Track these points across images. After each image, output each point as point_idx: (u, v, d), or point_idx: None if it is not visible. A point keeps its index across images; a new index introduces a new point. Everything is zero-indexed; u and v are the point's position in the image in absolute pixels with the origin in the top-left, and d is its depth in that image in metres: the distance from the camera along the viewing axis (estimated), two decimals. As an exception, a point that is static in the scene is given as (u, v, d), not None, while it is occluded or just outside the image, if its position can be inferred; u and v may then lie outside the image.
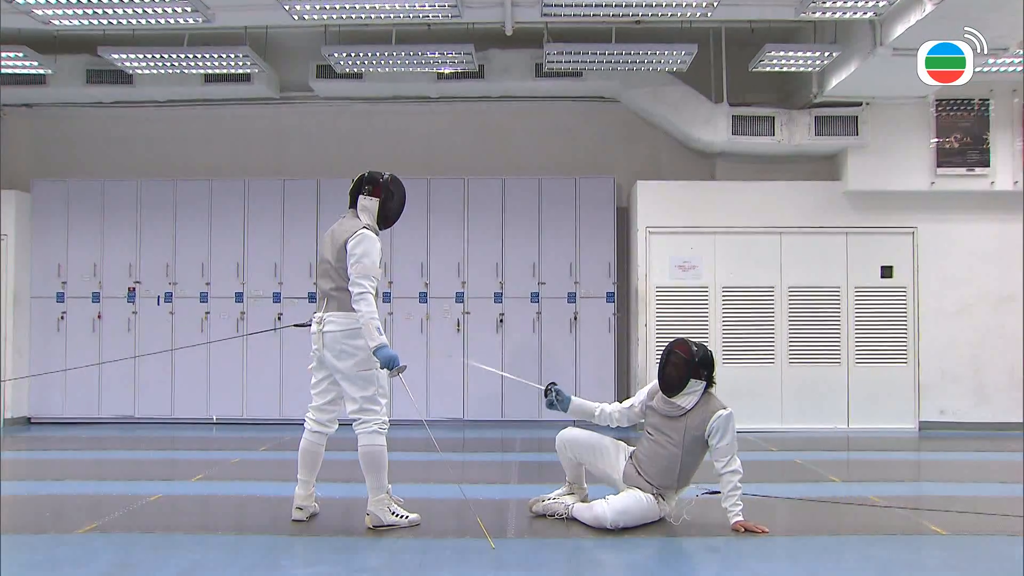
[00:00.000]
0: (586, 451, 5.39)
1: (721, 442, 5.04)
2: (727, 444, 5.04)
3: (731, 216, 9.66)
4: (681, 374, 5.08)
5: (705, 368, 5.11)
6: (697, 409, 5.09)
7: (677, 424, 5.12)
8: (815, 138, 9.41)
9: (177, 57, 8.51)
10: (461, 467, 7.48)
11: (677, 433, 5.12)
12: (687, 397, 5.11)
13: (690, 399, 5.10)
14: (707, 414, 5.06)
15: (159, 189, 10.21)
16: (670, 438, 5.13)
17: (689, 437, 5.09)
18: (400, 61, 8.77)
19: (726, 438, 5.04)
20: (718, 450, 5.05)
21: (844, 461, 8.14)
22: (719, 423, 5.04)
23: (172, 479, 6.75)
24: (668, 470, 5.15)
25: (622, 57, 8.63)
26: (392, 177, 5.27)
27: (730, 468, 5.03)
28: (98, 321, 10.13)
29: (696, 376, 5.08)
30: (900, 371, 9.57)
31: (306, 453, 5.30)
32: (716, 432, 5.03)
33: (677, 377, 5.10)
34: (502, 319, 9.98)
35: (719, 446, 5.04)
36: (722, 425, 5.04)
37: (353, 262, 5.03)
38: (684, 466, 5.15)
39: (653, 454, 5.19)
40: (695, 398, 5.10)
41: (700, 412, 5.09)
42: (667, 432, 5.15)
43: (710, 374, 5.13)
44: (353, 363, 5.05)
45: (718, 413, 5.05)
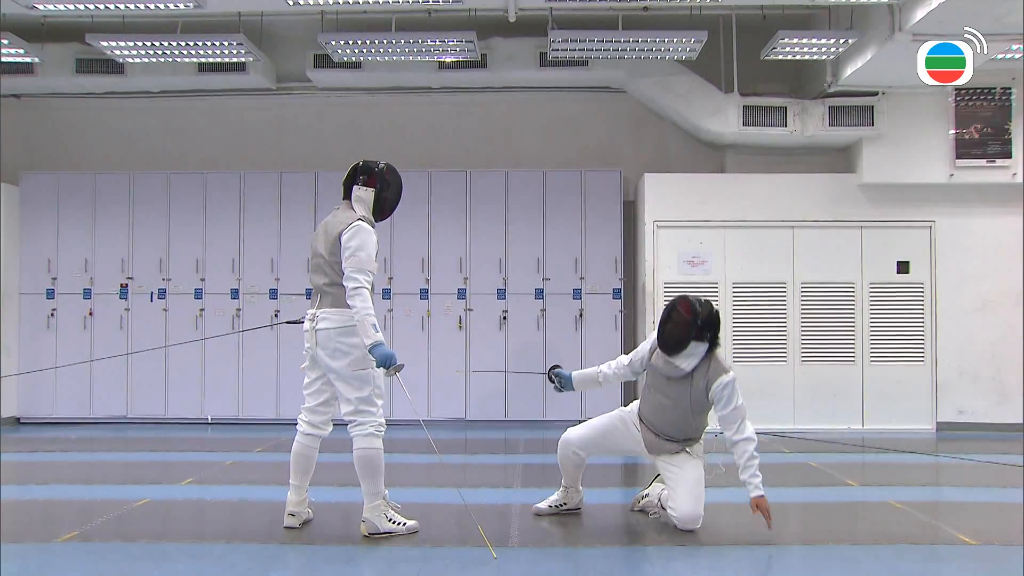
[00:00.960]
0: (597, 442, 5.21)
1: (727, 409, 4.85)
2: (733, 410, 4.84)
3: (742, 210, 9.48)
4: (682, 335, 4.86)
5: (708, 330, 4.87)
6: (699, 373, 4.90)
7: (680, 386, 4.94)
8: (829, 129, 9.22)
9: (169, 45, 8.33)
10: (462, 470, 7.32)
11: (681, 396, 4.95)
12: (688, 359, 4.90)
13: (691, 361, 4.90)
14: (709, 380, 4.86)
15: (152, 182, 10.05)
16: (673, 400, 4.97)
17: (693, 399, 4.93)
18: (400, 49, 8.60)
19: (731, 404, 4.83)
20: (724, 418, 4.86)
21: (860, 464, 7.94)
22: (719, 391, 4.84)
23: (161, 483, 6.57)
24: (682, 425, 5.01)
25: (629, 45, 8.44)
26: (387, 166, 5.11)
27: (742, 436, 4.81)
28: (89, 318, 9.97)
29: (698, 338, 4.85)
30: (917, 370, 9.38)
31: (299, 457, 5.14)
32: (720, 400, 4.84)
33: (677, 337, 4.89)
34: (505, 316, 9.84)
35: (725, 413, 4.85)
36: (726, 393, 4.84)
37: (348, 255, 4.86)
38: (696, 418, 5.00)
39: (661, 410, 5.02)
40: (696, 360, 4.90)
41: (702, 377, 4.89)
42: (670, 395, 4.99)
43: (714, 336, 4.89)
44: (348, 362, 4.88)
45: (720, 380, 4.84)
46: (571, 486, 5.34)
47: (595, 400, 9.63)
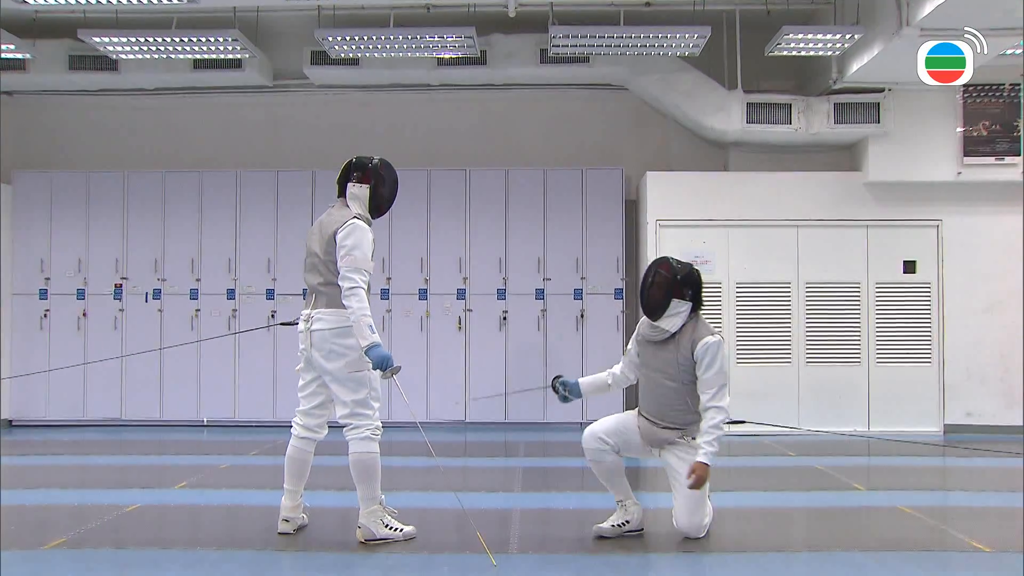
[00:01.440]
0: (619, 431, 4.98)
1: (707, 372, 4.76)
2: (714, 375, 4.76)
3: (745, 209, 9.38)
4: (663, 294, 4.82)
5: (689, 287, 4.85)
6: (684, 334, 4.83)
7: (667, 354, 4.85)
8: (834, 126, 9.13)
9: (163, 41, 8.22)
10: (462, 474, 7.23)
11: (669, 365, 4.85)
12: (671, 319, 4.84)
13: (675, 321, 4.84)
14: (694, 341, 4.79)
15: (147, 181, 9.96)
16: (664, 372, 4.87)
17: (682, 369, 4.82)
18: (398, 45, 8.50)
19: (713, 368, 4.76)
20: (704, 381, 4.78)
21: (866, 467, 7.85)
22: (703, 351, 4.76)
23: (153, 487, 6.46)
24: (677, 401, 4.86)
25: (631, 41, 8.34)
26: (382, 161, 5.02)
27: (715, 403, 4.74)
28: (83, 319, 9.88)
29: (679, 296, 4.82)
30: (924, 371, 9.28)
31: (293, 461, 5.05)
32: (702, 361, 4.76)
33: (658, 297, 4.84)
34: (505, 316, 9.76)
35: (705, 377, 4.77)
36: (708, 353, 4.76)
37: (343, 254, 4.77)
38: (689, 389, 4.86)
39: (654, 389, 4.92)
40: (680, 320, 4.84)
41: (687, 338, 4.82)
42: (660, 367, 4.89)
43: (696, 294, 4.87)
44: (343, 364, 4.79)
45: (704, 340, 4.77)
46: (625, 499, 5.04)
47: (596, 402, 9.52)
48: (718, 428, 4.72)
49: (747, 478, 7.12)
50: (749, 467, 7.62)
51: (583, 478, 7.34)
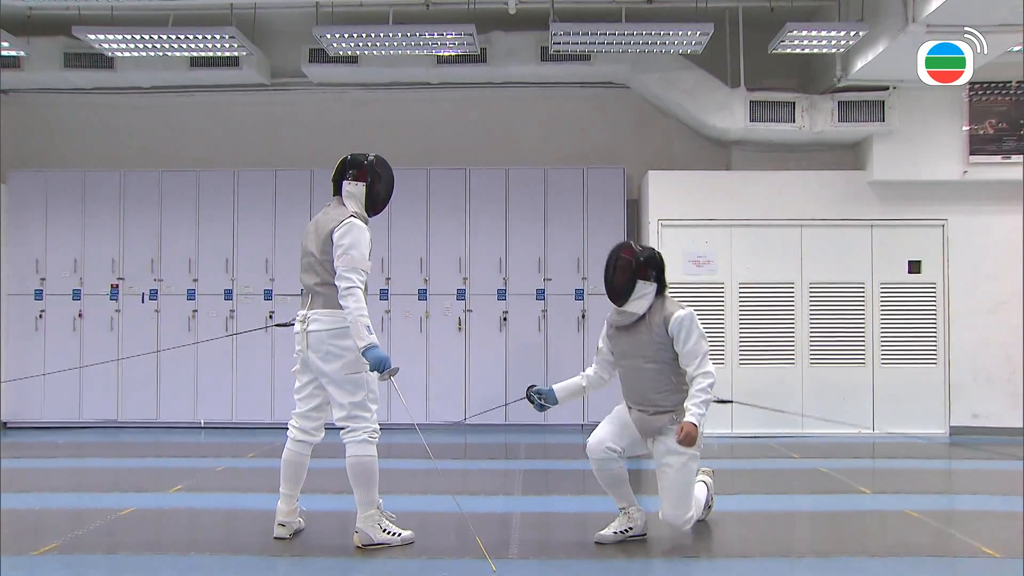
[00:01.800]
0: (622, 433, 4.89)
1: (686, 345, 4.73)
2: (693, 345, 4.73)
3: (748, 208, 9.31)
4: (626, 277, 4.81)
5: (651, 268, 4.84)
6: (654, 314, 4.80)
7: (640, 337, 4.81)
8: (838, 125, 9.06)
9: (159, 38, 8.15)
10: (462, 476, 7.17)
11: (645, 347, 4.80)
12: (638, 302, 4.82)
13: (641, 304, 4.82)
14: (665, 318, 4.76)
15: (143, 180, 9.89)
16: (642, 356, 4.82)
17: (659, 347, 4.78)
18: (397, 43, 8.43)
19: (691, 340, 4.73)
20: (685, 355, 4.75)
21: (872, 470, 7.78)
22: (677, 325, 4.73)
23: (148, 490, 6.39)
24: (662, 386, 4.80)
25: (633, 38, 8.27)
26: (377, 158, 4.96)
27: (701, 370, 4.72)
28: (79, 320, 9.81)
29: (644, 278, 4.81)
30: (929, 372, 9.20)
31: (289, 464, 4.99)
32: (678, 336, 4.73)
33: (624, 281, 4.82)
34: (505, 317, 9.70)
35: (685, 350, 4.74)
36: (683, 327, 4.72)
37: (340, 253, 4.72)
38: (670, 368, 4.80)
39: (635, 376, 4.87)
40: (647, 302, 4.82)
41: (658, 316, 4.79)
42: (636, 352, 4.84)
43: (659, 275, 4.86)
44: (340, 365, 4.73)
45: (676, 316, 4.74)
46: (628, 505, 4.97)
47: (597, 402, 9.49)
48: (705, 392, 4.69)
49: (750, 481, 7.06)
50: (752, 469, 7.55)
51: (584, 481, 7.27)
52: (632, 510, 4.96)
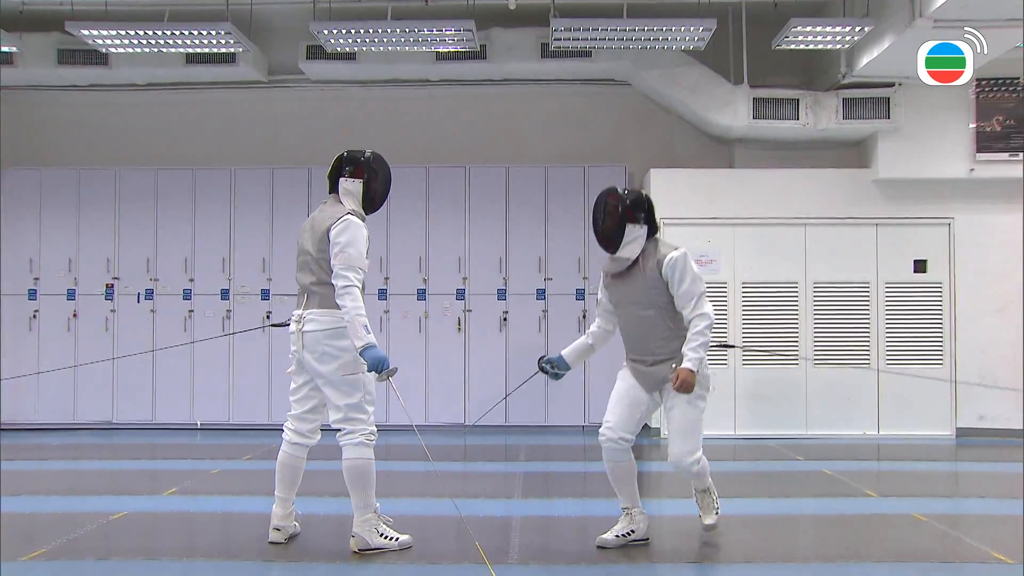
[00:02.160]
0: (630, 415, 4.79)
1: (681, 286, 4.64)
2: (688, 286, 4.63)
3: (751, 206, 9.25)
4: (616, 222, 4.73)
5: (639, 210, 4.75)
6: (647, 258, 4.73)
7: (634, 284, 4.75)
8: (842, 122, 9.00)
9: (153, 34, 8.06)
10: (461, 479, 7.10)
11: (640, 293, 4.73)
12: (630, 246, 4.74)
13: (633, 248, 4.74)
14: (659, 260, 4.68)
15: (139, 178, 9.84)
16: (638, 303, 4.74)
17: (653, 292, 4.69)
18: (395, 39, 8.35)
19: (685, 280, 4.64)
20: (680, 296, 4.66)
21: (877, 472, 7.72)
22: (671, 267, 4.65)
23: (142, 493, 6.32)
24: (660, 332, 4.71)
25: (635, 34, 8.17)
26: (374, 154, 4.90)
27: (697, 311, 4.62)
28: (73, 320, 9.75)
29: (633, 221, 4.72)
30: (935, 373, 9.09)
31: (284, 467, 4.91)
32: (672, 278, 4.65)
33: (613, 226, 4.74)
34: (506, 317, 9.64)
35: (681, 291, 4.65)
36: (677, 267, 4.64)
37: (337, 252, 4.65)
38: (672, 319, 4.71)
39: (633, 324, 4.80)
40: (638, 246, 4.74)
41: (651, 260, 4.72)
42: (632, 299, 4.77)
43: (649, 217, 4.78)
44: (337, 366, 4.66)
45: (669, 257, 4.66)
46: (632, 506, 4.88)
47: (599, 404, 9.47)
48: (702, 334, 4.59)
49: (753, 484, 6.99)
50: (755, 472, 7.49)
51: (585, 483, 7.24)
52: (635, 512, 4.88)
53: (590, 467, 7.93)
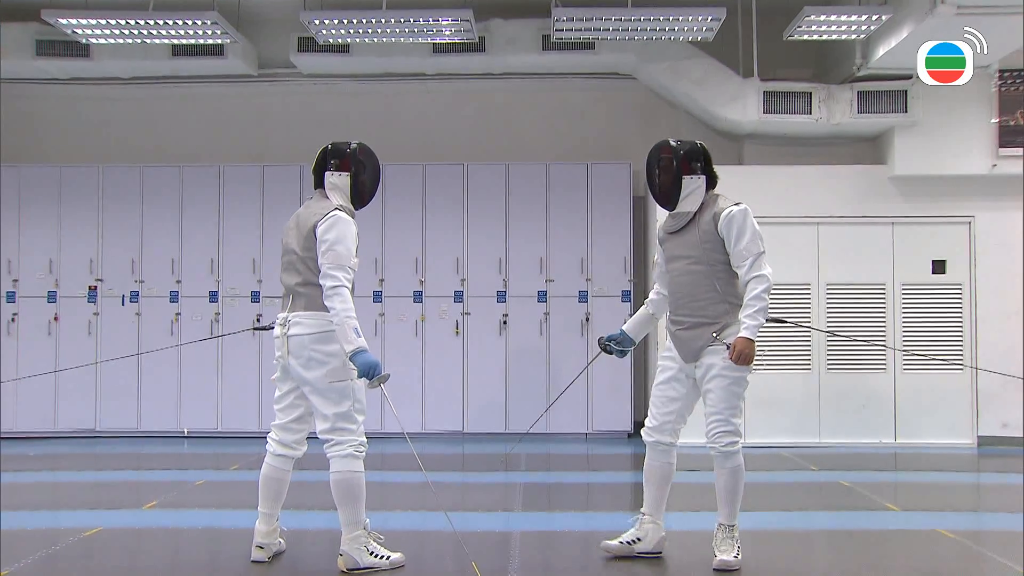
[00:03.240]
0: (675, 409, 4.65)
1: (739, 244, 4.48)
2: (747, 243, 4.49)
3: (761, 205, 8.55)
4: (672, 177, 4.62)
5: (695, 160, 4.65)
6: (704, 211, 4.59)
7: (688, 237, 4.59)
8: (857, 116, 8.76)
9: (135, 23, 7.83)
10: (459, 490, 6.87)
11: (693, 247, 4.56)
12: (689, 199, 4.62)
13: (694, 200, 4.62)
14: (716, 214, 4.53)
15: (123, 176, 9.61)
16: (689, 256, 4.57)
17: (706, 247, 4.52)
18: (390, 30, 8.14)
19: (744, 237, 4.49)
20: (737, 253, 4.50)
21: (897, 484, 7.47)
22: (728, 222, 4.50)
23: (120, 507, 6.08)
24: (706, 292, 4.53)
25: (640, 24, 7.98)
26: (361, 146, 4.73)
27: (754, 272, 4.46)
28: (54, 324, 9.53)
29: (688, 172, 4.62)
30: (955, 379, 8.88)
31: (269, 481, 4.71)
32: (730, 234, 4.50)
33: (669, 182, 4.63)
34: (505, 320, 9.46)
35: (738, 248, 4.49)
36: (735, 223, 4.50)
37: (324, 250, 4.47)
38: (721, 280, 4.54)
39: (681, 280, 4.62)
40: (698, 198, 4.62)
41: (708, 213, 4.57)
42: (684, 252, 4.61)
43: (706, 167, 4.68)
44: (324, 373, 4.45)
45: (728, 211, 4.52)
46: (651, 514, 4.68)
47: (602, 413, 9.37)
48: (760, 299, 4.42)
49: (766, 495, 6.72)
50: (767, 483, 7.22)
51: (589, 495, 7.02)
52: (647, 521, 4.69)
53: (594, 478, 7.74)
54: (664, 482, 4.69)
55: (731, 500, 4.59)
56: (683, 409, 4.66)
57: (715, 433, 4.51)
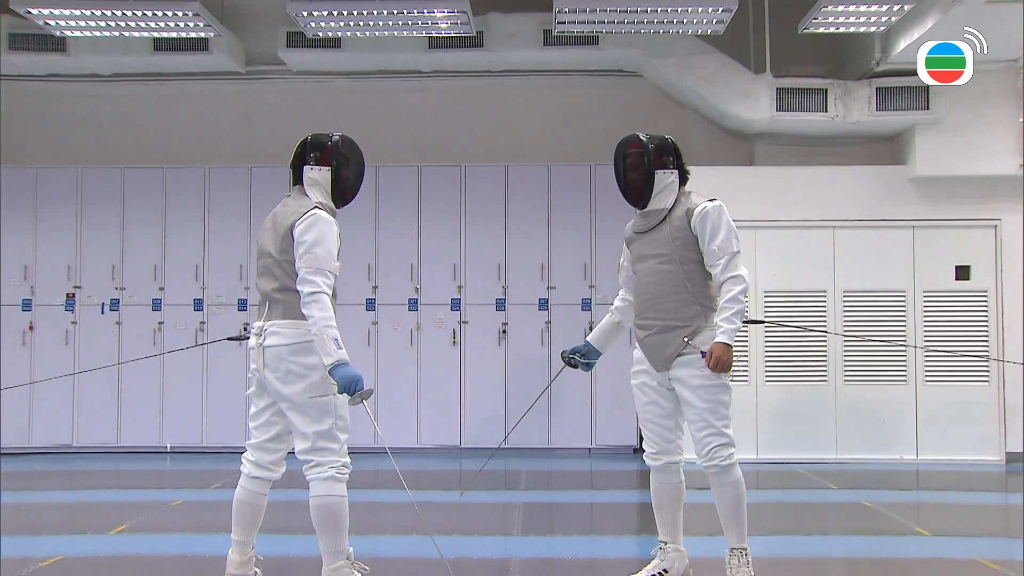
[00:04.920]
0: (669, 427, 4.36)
1: (713, 242, 4.19)
2: (721, 242, 4.19)
3: (774, 208, 8.76)
4: (643, 172, 4.33)
5: (667, 153, 4.36)
6: (676, 208, 4.32)
7: (658, 235, 4.32)
8: (876, 114, 8.49)
9: (111, 15, 7.52)
10: (454, 511, 6.51)
11: (663, 245, 4.28)
12: (661, 196, 4.34)
13: (666, 197, 4.34)
14: (689, 210, 4.24)
15: (103, 178, 9.36)
16: (659, 255, 4.29)
17: (677, 244, 4.24)
18: (382, 22, 7.87)
19: (719, 235, 4.19)
20: (711, 253, 4.21)
21: (924, 504, 7.10)
22: (701, 218, 4.21)
23: (86, 531, 5.72)
24: (676, 292, 4.26)
25: (646, 16, 7.69)
26: (343, 138, 4.38)
27: (729, 273, 4.18)
28: (29, 333, 9.23)
29: (661, 166, 4.34)
30: (980, 391, 8.54)
31: (243, 506, 4.36)
32: (704, 231, 4.21)
33: (640, 179, 4.35)
34: (505, 329, 9.23)
35: (712, 248, 4.20)
36: (709, 220, 4.20)
37: (302, 252, 4.11)
38: (693, 281, 4.25)
39: (648, 281, 4.34)
40: (670, 194, 4.34)
41: (680, 210, 4.30)
42: (653, 251, 4.32)
43: (677, 161, 4.38)
44: (303, 387, 4.10)
45: (701, 207, 4.24)
46: (669, 541, 4.40)
47: (607, 423, 9.11)
48: (737, 300, 4.14)
49: (783, 517, 6.39)
50: (784, 503, 6.91)
51: (592, 517, 6.68)
52: (670, 549, 4.39)
53: (597, 496, 7.40)
54: (677, 503, 4.42)
55: (738, 519, 4.27)
56: (677, 421, 4.40)
57: (709, 448, 4.20)
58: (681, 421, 4.37)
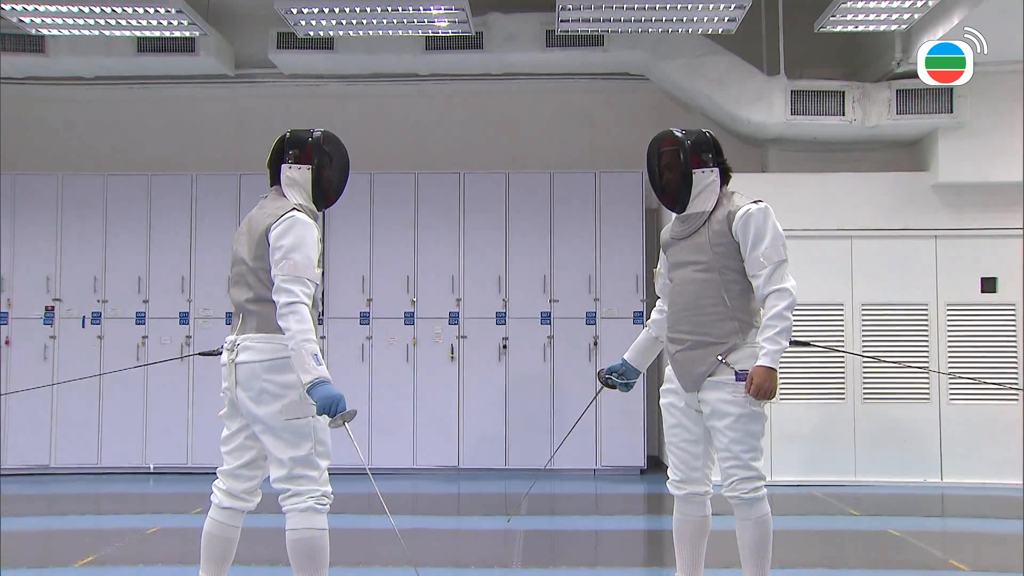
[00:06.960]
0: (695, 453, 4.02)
1: (756, 249, 3.84)
2: (765, 249, 3.84)
3: (788, 216, 8.07)
4: (680, 174, 3.99)
5: (704, 150, 4.01)
6: (716, 210, 3.97)
7: (697, 240, 3.99)
8: (896, 118, 8.23)
9: (90, 11, 7.26)
10: (451, 538, 6.14)
11: (701, 252, 3.94)
12: (702, 197, 3.99)
13: (708, 198, 3.99)
14: (730, 212, 3.91)
15: (85, 185, 9.11)
16: (696, 263, 3.95)
17: (716, 251, 3.89)
18: (376, 21, 7.68)
19: (763, 242, 3.84)
20: (753, 261, 3.85)
21: (955, 533, 6.71)
22: (743, 221, 3.87)
23: (48, 565, 5.33)
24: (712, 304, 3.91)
25: (653, 14, 7.49)
26: (325, 134, 4.09)
27: (774, 286, 3.82)
28: (5, 348, 8.92)
29: (699, 165, 3.99)
30: (1008, 410, 8.19)
31: (212, 539, 4.02)
32: (746, 236, 3.85)
33: (678, 180, 4.01)
34: (506, 344, 8.97)
35: (754, 255, 3.84)
36: (753, 223, 3.85)
37: (278, 258, 3.80)
38: (731, 293, 3.90)
39: (683, 290, 4.01)
40: (712, 194, 3.99)
41: (721, 212, 3.94)
42: (690, 258, 4.01)
43: (717, 157, 4.04)
44: (279, 408, 3.77)
45: (744, 209, 3.88)
46: (691, 574, 4.10)
47: (612, 444, 8.81)
48: (782, 318, 3.78)
49: (800, 546, 5.96)
50: (802, 530, 6.49)
51: (598, 546, 6.32)
52: None
53: (603, 523, 7.00)
54: (700, 538, 4.08)
55: (760, 557, 3.92)
56: (707, 448, 4.04)
57: (733, 480, 3.87)
58: (711, 448, 4.01)
